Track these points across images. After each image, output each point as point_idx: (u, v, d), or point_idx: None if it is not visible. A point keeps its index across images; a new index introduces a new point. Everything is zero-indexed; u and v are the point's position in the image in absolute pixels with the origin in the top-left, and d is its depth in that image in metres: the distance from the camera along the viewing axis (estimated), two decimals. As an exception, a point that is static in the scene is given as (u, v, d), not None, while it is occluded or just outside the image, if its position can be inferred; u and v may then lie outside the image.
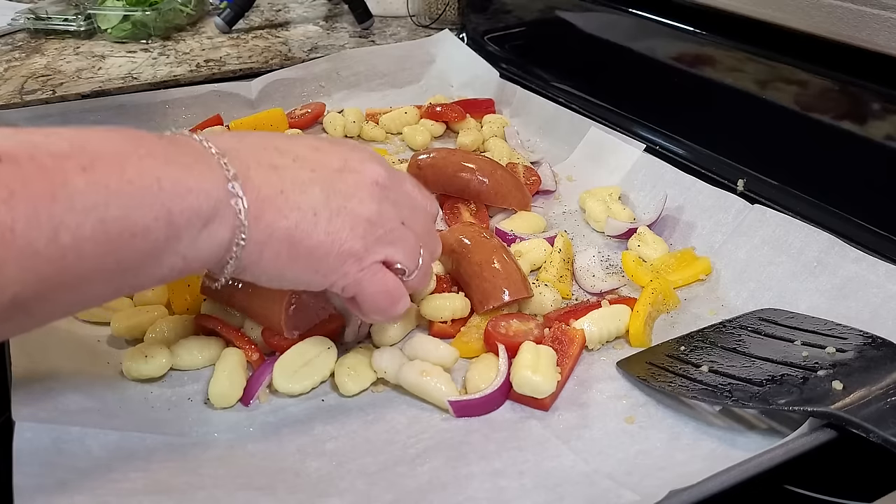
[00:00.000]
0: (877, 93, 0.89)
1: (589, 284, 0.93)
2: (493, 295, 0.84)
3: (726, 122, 1.11)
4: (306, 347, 0.78)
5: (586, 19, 1.35)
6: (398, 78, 1.55)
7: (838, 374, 0.67)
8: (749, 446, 0.67)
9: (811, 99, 0.97)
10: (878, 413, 0.60)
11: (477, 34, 1.69)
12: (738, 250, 0.93)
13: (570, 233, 1.05)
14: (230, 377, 0.75)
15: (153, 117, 1.36)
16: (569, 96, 1.40)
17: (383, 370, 0.76)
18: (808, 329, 0.76)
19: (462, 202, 1.06)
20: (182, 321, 0.83)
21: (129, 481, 0.62)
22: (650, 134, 1.23)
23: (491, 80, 1.47)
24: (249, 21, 1.89)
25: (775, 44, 1.01)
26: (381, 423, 0.73)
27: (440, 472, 0.66)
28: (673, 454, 0.67)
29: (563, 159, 1.24)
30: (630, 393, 0.76)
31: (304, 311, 0.80)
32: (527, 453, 0.68)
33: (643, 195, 1.09)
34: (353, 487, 0.64)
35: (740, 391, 0.68)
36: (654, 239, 0.98)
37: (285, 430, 0.72)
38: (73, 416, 0.68)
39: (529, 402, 0.74)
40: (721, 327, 0.81)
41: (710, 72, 1.12)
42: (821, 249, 0.86)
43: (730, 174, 1.08)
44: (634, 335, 0.82)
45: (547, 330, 0.81)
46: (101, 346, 0.83)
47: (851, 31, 0.89)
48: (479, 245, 0.89)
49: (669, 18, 1.17)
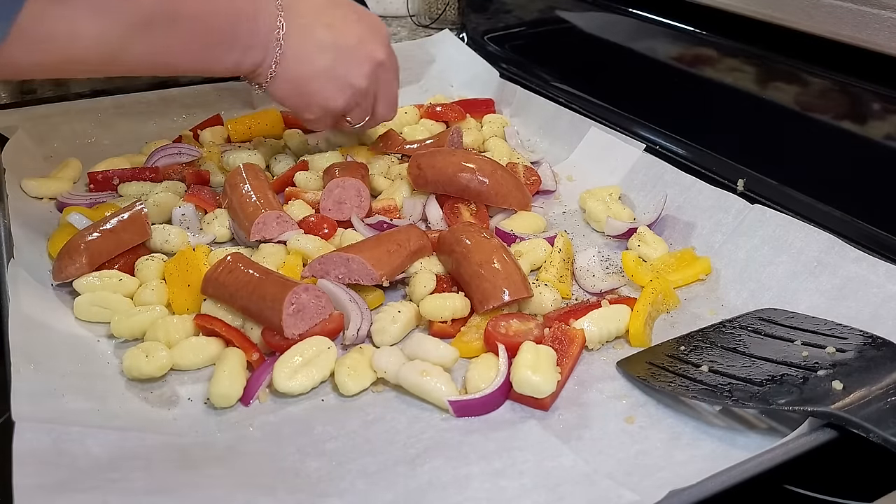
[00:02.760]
0: (877, 93, 0.89)
1: (589, 284, 0.93)
2: (493, 295, 0.84)
3: (726, 122, 1.11)
4: (306, 347, 0.78)
5: (586, 19, 1.35)
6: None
7: (838, 374, 0.67)
8: (749, 446, 0.67)
9: (811, 99, 0.98)
10: (878, 413, 0.60)
11: (477, 34, 1.69)
12: (738, 250, 0.93)
13: (570, 233, 1.05)
14: (230, 377, 0.75)
15: (153, 117, 1.36)
16: (569, 96, 1.40)
17: (383, 370, 0.76)
18: (808, 329, 0.76)
19: (462, 202, 1.06)
20: (182, 321, 0.83)
21: (129, 481, 0.62)
22: (650, 134, 1.23)
23: (491, 80, 1.47)
24: (249, 21, 1.89)
25: (775, 44, 1.01)
26: (381, 423, 0.73)
27: (440, 472, 0.66)
28: (673, 454, 0.67)
29: (563, 159, 1.24)
30: (630, 393, 0.76)
31: (304, 311, 0.81)
32: (527, 453, 0.68)
33: (643, 195, 1.09)
34: (353, 487, 0.64)
35: (740, 391, 0.68)
36: (654, 239, 0.98)
37: (285, 430, 0.72)
38: (73, 416, 0.68)
39: (529, 402, 0.74)
40: (721, 327, 0.81)
41: (710, 72, 1.12)
42: (821, 249, 0.86)
43: (730, 174, 1.08)
44: (634, 335, 0.82)
45: (547, 330, 0.81)
46: (101, 346, 0.83)
47: (851, 31, 0.89)
48: (479, 245, 0.89)
49: (669, 18, 1.17)
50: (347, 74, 1.03)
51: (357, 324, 0.83)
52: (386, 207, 1.07)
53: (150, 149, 1.21)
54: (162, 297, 0.88)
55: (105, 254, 0.92)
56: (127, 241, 0.95)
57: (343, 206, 1.05)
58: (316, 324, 0.82)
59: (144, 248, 0.97)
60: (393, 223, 1.02)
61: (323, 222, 1.03)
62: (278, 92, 1.02)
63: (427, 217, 1.07)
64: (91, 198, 1.10)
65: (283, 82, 1.00)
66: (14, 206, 1.04)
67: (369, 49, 1.04)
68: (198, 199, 1.07)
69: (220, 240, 1.03)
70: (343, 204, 1.05)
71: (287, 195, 1.11)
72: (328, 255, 0.88)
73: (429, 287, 0.88)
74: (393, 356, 0.77)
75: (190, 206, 1.05)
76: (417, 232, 0.95)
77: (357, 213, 1.05)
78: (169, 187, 1.10)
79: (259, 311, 0.81)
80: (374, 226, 1.03)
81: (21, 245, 0.94)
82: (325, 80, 1.02)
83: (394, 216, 1.06)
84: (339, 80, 1.02)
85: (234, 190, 1.04)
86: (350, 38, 1.02)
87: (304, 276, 0.90)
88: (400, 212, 1.08)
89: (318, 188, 1.12)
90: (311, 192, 1.11)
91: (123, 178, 1.14)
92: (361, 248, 0.89)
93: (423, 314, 0.84)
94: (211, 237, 1.02)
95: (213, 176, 1.16)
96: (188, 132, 1.30)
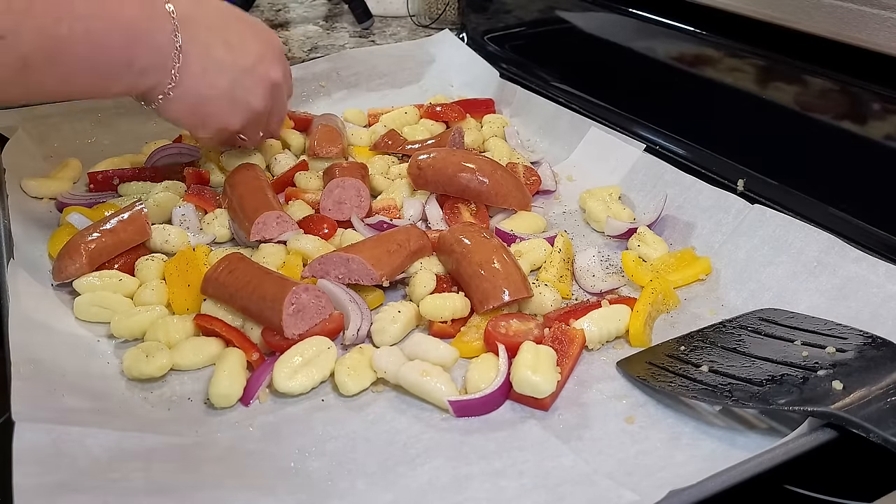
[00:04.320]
0: (877, 93, 0.89)
1: (589, 284, 0.93)
2: (493, 295, 0.84)
3: (726, 122, 1.11)
4: (306, 347, 0.78)
5: (586, 19, 1.35)
6: (398, 78, 1.55)
7: (838, 374, 0.67)
8: (749, 446, 0.67)
9: (811, 99, 0.97)
10: (878, 413, 0.60)
11: (477, 34, 1.69)
12: (738, 250, 0.93)
13: (570, 233, 1.05)
14: (230, 377, 0.75)
15: (153, 117, 1.35)
16: (569, 96, 1.40)
17: (383, 370, 0.76)
18: (808, 329, 0.76)
19: (462, 202, 1.06)
20: (182, 321, 0.83)
21: (129, 481, 0.62)
22: (650, 134, 1.23)
23: (491, 80, 1.47)
24: (249, 21, 1.89)
25: (775, 44, 1.01)
26: (381, 423, 0.73)
27: (440, 472, 0.66)
28: (673, 454, 0.67)
29: (563, 159, 1.24)
30: (630, 393, 0.76)
31: (304, 311, 0.81)
32: (527, 453, 0.68)
33: (643, 195, 1.09)
34: (353, 487, 0.65)
35: (740, 391, 0.68)
36: (654, 239, 0.98)
37: (285, 430, 0.72)
38: (73, 416, 0.68)
39: (529, 402, 0.74)
40: (721, 327, 0.81)
41: (710, 72, 1.12)
42: (821, 249, 0.86)
43: (730, 174, 1.08)
44: (634, 335, 0.82)
45: (547, 330, 0.81)
46: (101, 346, 0.83)
47: (851, 31, 0.89)
48: (479, 245, 0.89)
49: (669, 18, 1.17)
50: (246, 96, 1.00)
51: (357, 324, 0.83)
52: (386, 207, 1.07)
53: (150, 149, 1.21)
54: (162, 297, 0.88)
55: (105, 254, 0.92)
56: (127, 241, 0.95)
57: (343, 206, 1.05)
58: (316, 324, 0.82)
59: (144, 248, 0.97)
60: (393, 223, 1.02)
61: (323, 222, 1.03)
62: (173, 112, 0.97)
63: (427, 217, 1.07)
64: (91, 198, 1.10)
65: (178, 102, 0.96)
66: (14, 206, 1.04)
67: (266, 69, 1.02)
68: (198, 199, 1.07)
69: (220, 240, 1.03)
70: (343, 204, 1.05)
71: (287, 195, 1.11)
72: (328, 255, 0.88)
73: (429, 287, 0.88)
74: (393, 356, 0.77)
75: (190, 206, 1.05)
76: (417, 232, 0.95)
77: (357, 213, 1.05)
78: (169, 187, 1.10)
79: (259, 311, 0.81)
80: (374, 226, 1.03)
81: (21, 245, 0.94)
82: (223, 102, 0.99)
83: (394, 216, 1.06)
84: (238, 102, 1.00)
85: (234, 190, 1.04)
86: (248, 57, 0.99)
87: (304, 276, 0.90)
88: (400, 212, 1.08)
89: (318, 188, 1.12)
90: (311, 192, 1.11)
91: (123, 178, 1.14)
92: (361, 248, 0.89)
93: (423, 314, 0.84)
94: (211, 237, 1.02)
95: (213, 176, 1.16)
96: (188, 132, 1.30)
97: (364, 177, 1.10)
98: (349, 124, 1.36)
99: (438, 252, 0.95)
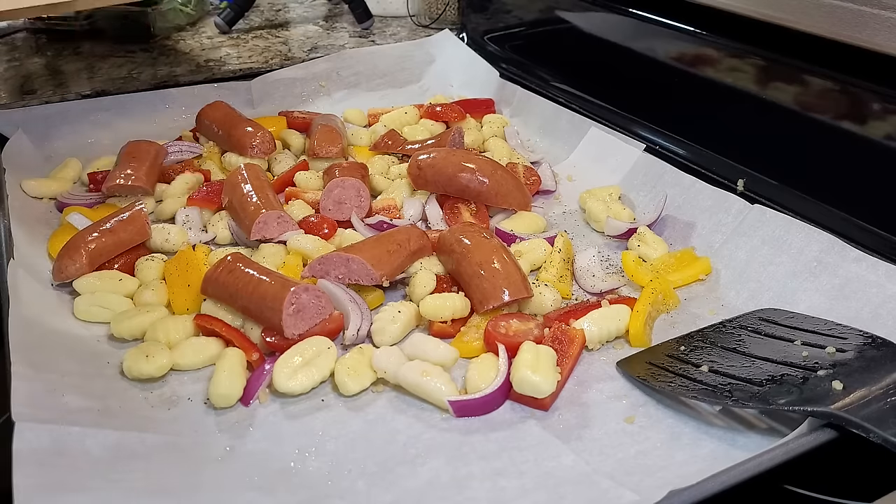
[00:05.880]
0: (877, 93, 0.89)
1: (589, 284, 0.93)
2: (493, 295, 0.84)
3: (726, 122, 1.11)
4: (306, 347, 0.78)
5: (586, 19, 1.35)
6: (398, 78, 1.55)
7: (838, 374, 0.67)
8: (749, 446, 0.67)
9: (811, 99, 0.97)
10: (878, 413, 0.60)
11: (477, 34, 1.69)
12: (738, 250, 0.93)
13: (570, 233, 1.05)
14: (230, 377, 0.75)
15: (153, 117, 1.36)
16: (569, 96, 1.40)
17: (383, 370, 0.76)
18: (808, 329, 0.76)
19: (462, 202, 1.06)
20: (182, 321, 0.83)
21: (129, 481, 0.62)
22: (650, 134, 1.23)
23: (491, 80, 1.47)
24: (249, 21, 1.89)
25: (775, 44, 1.01)
26: (381, 423, 0.73)
27: (440, 472, 0.66)
28: (673, 454, 0.67)
29: (563, 159, 1.24)
30: (630, 393, 0.76)
31: (304, 311, 0.80)
32: (527, 453, 0.68)
33: (643, 195, 1.09)
34: (353, 487, 0.64)
35: (740, 391, 0.68)
36: (654, 239, 0.98)
37: (285, 430, 0.72)
38: (73, 416, 0.68)
39: (529, 402, 0.74)
40: (721, 327, 0.81)
41: (710, 72, 1.12)
42: (821, 249, 0.86)
43: (730, 174, 1.08)
44: (634, 335, 0.82)
45: (547, 330, 0.81)
46: (101, 346, 0.83)
47: (851, 31, 0.89)
48: (479, 245, 0.89)
49: (669, 18, 1.17)
50: None
51: (357, 324, 0.83)
52: (386, 207, 1.07)
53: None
54: (162, 298, 0.88)
55: (105, 254, 0.92)
56: (127, 241, 0.95)
57: (343, 206, 1.05)
58: (316, 324, 0.82)
59: (144, 248, 0.97)
60: (393, 223, 1.02)
61: (323, 222, 1.03)
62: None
63: (427, 217, 1.07)
64: (91, 198, 1.10)
65: None
66: (14, 206, 1.04)
67: None
68: (200, 202, 1.07)
69: (220, 240, 1.03)
70: (343, 204, 1.05)
71: (287, 195, 1.11)
72: (328, 256, 0.88)
73: (429, 287, 0.88)
74: (393, 356, 0.77)
75: (194, 208, 1.06)
76: (417, 232, 0.95)
77: (357, 213, 1.05)
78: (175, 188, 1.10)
79: (259, 311, 0.81)
80: (374, 226, 1.03)
81: (21, 245, 0.94)
82: None
83: (394, 216, 1.06)
84: None
85: (235, 190, 1.04)
86: None
87: (304, 276, 0.90)
88: (400, 212, 1.08)
89: (318, 188, 1.12)
90: (311, 192, 1.11)
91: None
92: (361, 248, 0.89)
93: (423, 314, 0.84)
94: (211, 237, 1.02)
95: (213, 176, 1.16)
96: (188, 132, 1.30)
97: (364, 177, 1.10)
98: (349, 124, 1.36)
99: (438, 252, 0.95)
